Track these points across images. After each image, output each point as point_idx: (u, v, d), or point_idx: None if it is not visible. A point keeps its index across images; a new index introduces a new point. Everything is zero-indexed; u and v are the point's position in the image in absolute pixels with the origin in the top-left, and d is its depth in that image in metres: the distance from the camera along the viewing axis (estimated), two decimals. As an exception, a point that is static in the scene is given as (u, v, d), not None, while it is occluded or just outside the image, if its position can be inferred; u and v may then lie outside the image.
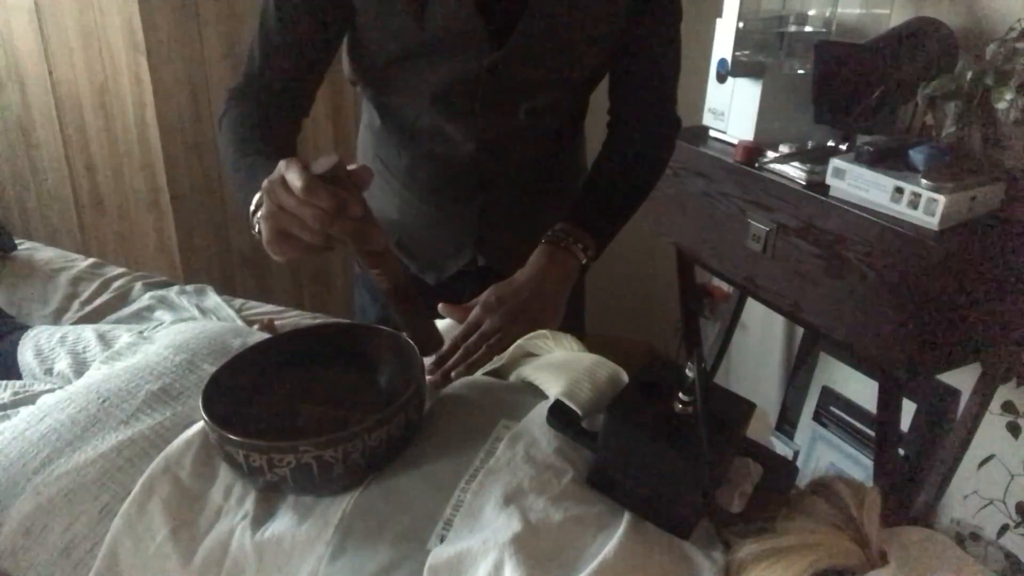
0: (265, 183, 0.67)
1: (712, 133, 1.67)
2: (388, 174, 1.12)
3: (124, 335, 1.00)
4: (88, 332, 1.05)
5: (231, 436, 0.66)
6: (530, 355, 0.90)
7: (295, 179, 0.64)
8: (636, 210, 1.07)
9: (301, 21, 0.90)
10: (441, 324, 0.99)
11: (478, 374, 0.88)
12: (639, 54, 0.99)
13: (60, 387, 0.88)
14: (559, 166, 1.15)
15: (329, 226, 0.64)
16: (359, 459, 0.67)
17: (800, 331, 2.01)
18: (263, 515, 0.69)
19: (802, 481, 0.68)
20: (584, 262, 0.99)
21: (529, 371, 0.83)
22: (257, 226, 0.73)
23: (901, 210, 1.24)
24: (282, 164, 0.66)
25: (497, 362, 0.89)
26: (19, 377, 1.04)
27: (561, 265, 0.97)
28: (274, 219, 0.66)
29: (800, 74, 1.53)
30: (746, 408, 0.67)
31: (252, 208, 0.76)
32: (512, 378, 0.86)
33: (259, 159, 0.84)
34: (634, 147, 1.04)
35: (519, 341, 0.90)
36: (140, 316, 1.24)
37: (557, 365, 0.81)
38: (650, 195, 1.09)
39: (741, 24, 1.52)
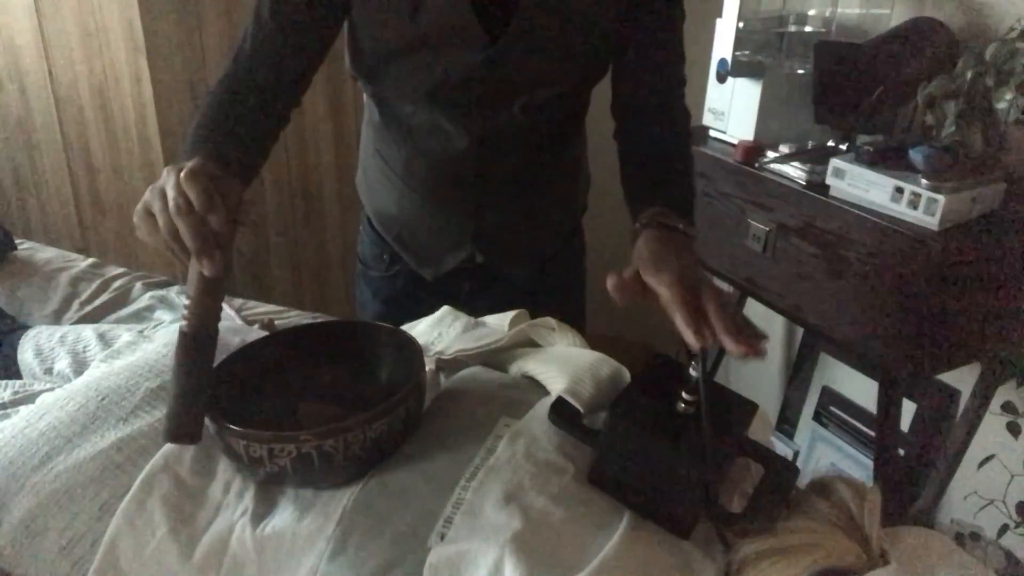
0: (169, 165, 0.67)
1: (712, 133, 1.67)
2: (387, 168, 1.12)
3: (124, 335, 1.00)
4: (88, 332, 1.05)
5: (232, 426, 0.66)
6: (533, 343, 0.90)
7: (188, 166, 0.64)
8: (689, 176, 0.99)
9: (295, 17, 0.90)
10: (423, 325, 0.99)
11: (476, 369, 0.88)
12: (641, 53, 0.99)
13: (60, 386, 0.88)
14: (558, 164, 1.15)
15: (179, 216, 0.63)
16: (359, 451, 0.67)
17: (800, 331, 2.01)
18: (263, 511, 0.69)
19: (802, 481, 0.68)
20: (691, 231, 0.87)
21: (531, 365, 0.83)
22: None
23: (901, 210, 1.24)
24: (198, 159, 0.67)
25: (498, 342, 0.89)
26: (19, 377, 1.04)
27: (675, 241, 0.83)
28: (149, 194, 0.66)
29: (800, 74, 1.53)
30: (748, 408, 0.67)
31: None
32: (513, 370, 0.86)
33: (203, 146, 0.82)
34: (649, 141, 1.02)
35: (522, 326, 0.90)
36: (140, 316, 1.24)
37: (560, 361, 0.81)
38: None
39: (741, 24, 1.52)
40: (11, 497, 0.71)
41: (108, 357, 0.91)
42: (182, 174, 0.64)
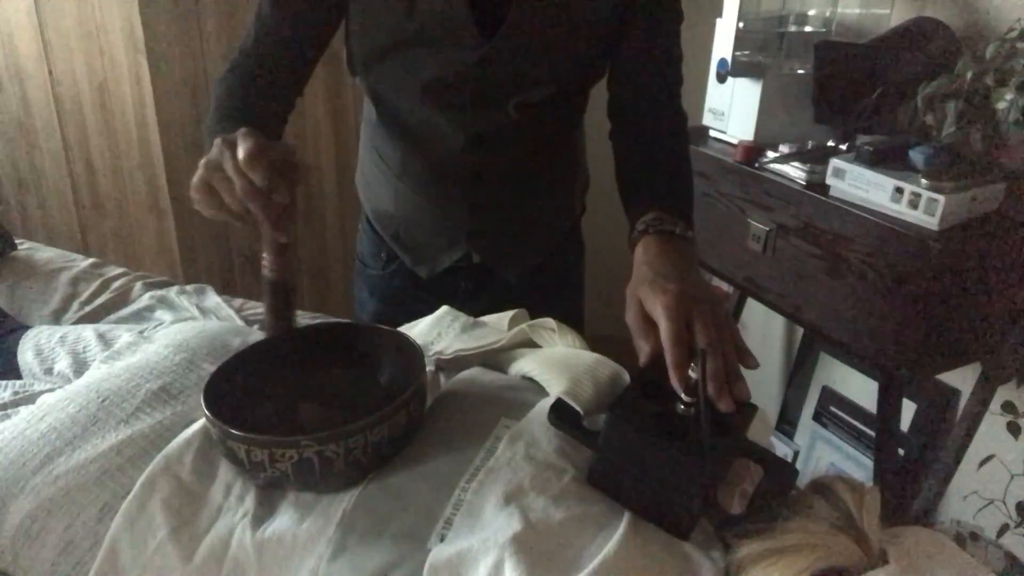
0: (220, 138, 0.70)
1: (712, 133, 1.67)
2: (384, 165, 1.13)
3: (124, 335, 1.00)
4: (88, 332, 1.05)
5: (233, 431, 0.66)
6: (532, 344, 0.90)
7: (242, 146, 0.68)
8: (687, 177, 1.00)
9: (296, 11, 0.93)
10: (422, 324, 1.00)
11: (476, 370, 0.88)
12: (637, 54, 0.99)
13: (60, 387, 0.88)
14: (554, 164, 1.15)
15: (250, 200, 0.68)
16: (360, 455, 0.67)
17: (800, 331, 2.01)
18: (263, 513, 0.69)
19: (802, 481, 0.68)
20: (688, 234, 0.86)
21: (531, 366, 0.83)
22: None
23: (901, 210, 1.24)
24: (243, 130, 0.70)
25: (498, 342, 0.89)
26: (19, 377, 1.04)
27: (673, 247, 0.83)
28: (207, 171, 0.70)
29: (800, 74, 1.53)
30: (747, 409, 0.67)
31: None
32: (512, 371, 0.86)
33: (232, 124, 0.84)
34: (645, 142, 1.02)
35: (522, 326, 0.90)
36: (140, 316, 1.24)
37: (559, 362, 0.81)
38: None
39: (741, 24, 1.52)
40: (11, 499, 0.71)
41: (108, 358, 0.91)
42: (242, 158, 0.67)
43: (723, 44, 1.55)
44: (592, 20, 0.94)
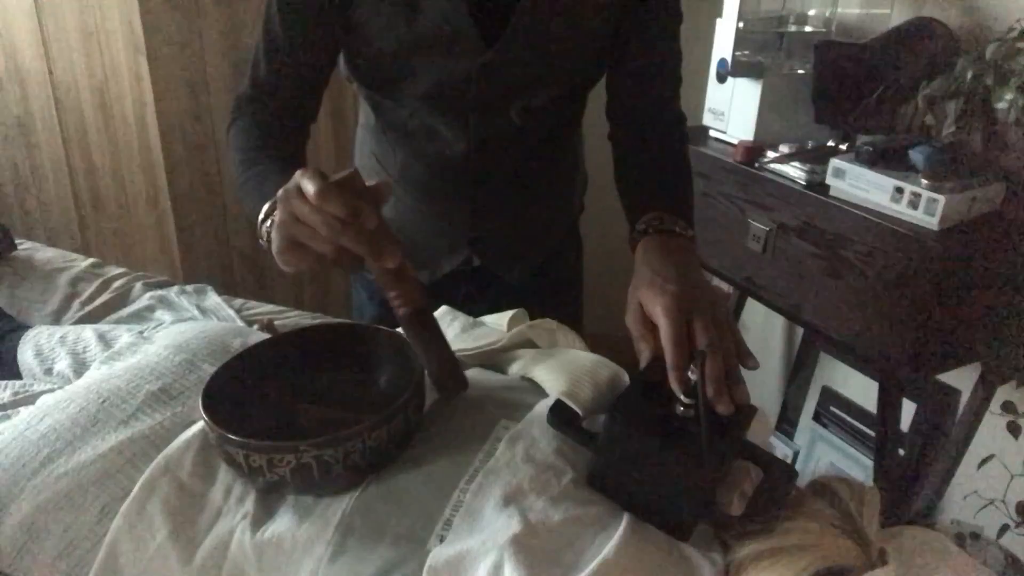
0: (280, 192, 0.65)
1: (712, 133, 1.67)
2: (383, 172, 1.12)
3: (124, 335, 1.00)
4: (88, 332, 1.05)
5: (231, 436, 0.66)
6: (532, 344, 0.90)
7: (309, 185, 0.62)
8: (687, 177, 0.99)
9: (306, 24, 0.90)
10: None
11: (475, 371, 0.88)
12: (637, 56, 0.99)
13: (60, 387, 0.88)
14: (555, 166, 1.15)
15: (341, 235, 0.62)
16: (359, 459, 0.67)
17: (800, 331, 2.01)
18: (263, 515, 0.69)
19: (802, 481, 0.68)
20: (689, 232, 0.87)
21: (530, 367, 0.83)
22: (267, 235, 0.72)
23: (901, 210, 1.24)
24: (299, 173, 0.64)
25: (497, 343, 0.89)
26: (19, 377, 1.04)
27: (674, 247, 0.83)
28: (286, 227, 0.65)
29: (800, 74, 1.53)
30: (747, 411, 0.67)
31: (261, 217, 0.76)
32: (512, 372, 0.86)
33: (268, 166, 0.84)
34: (645, 143, 1.02)
35: (521, 327, 0.90)
36: (140, 316, 1.23)
37: (559, 363, 0.81)
38: None
39: (741, 24, 1.52)
40: (11, 500, 0.71)
41: (108, 358, 0.91)
42: (314, 196, 0.62)
43: (723, 44, 1.55)
44: (593, 23, 0.94)
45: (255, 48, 0.93)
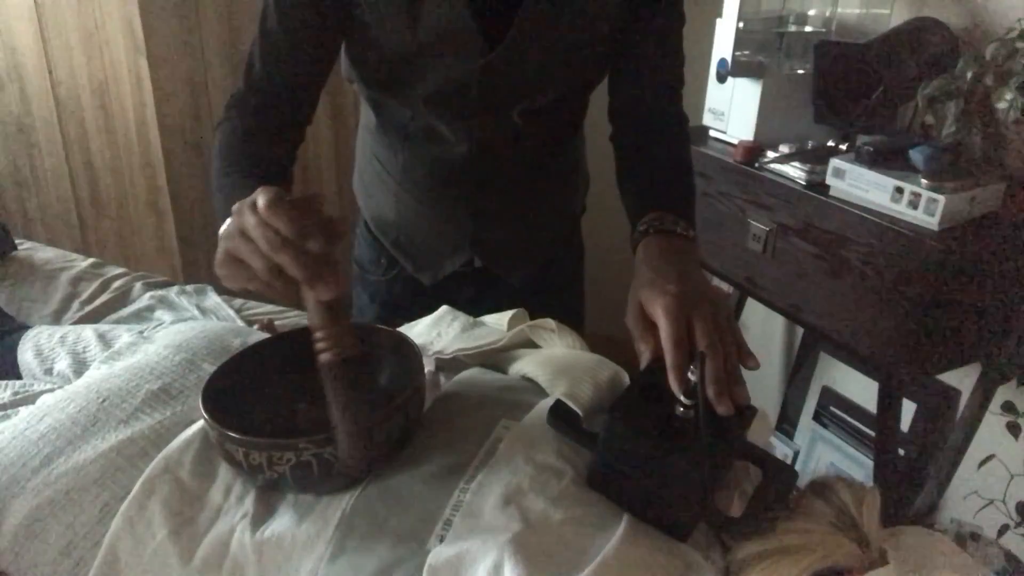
0: (236, 204, 0.62)
1: (712, 133, 1.67)
2: (385, 173, 1.12)
3: (124, 335, 1.00)
4: (88, 332, 1.05)
5: (231, 434, 0.66)
6: (532, 344, 0.90)
7: (261, 198, 0.60)
8: (689, 178, 0.98)
9: (304, 23, 0.89)
10: (422, 324, 0.98)
11: (476, 370, 0.88)
12: (639, 57, 0.99)
13: (60, 387, 0.88)
14: (556, 168, 1.15)
15: (278, 251, 0.58)
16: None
17: (800, 331, 2.01)
18: (263, 514, 0.69)
19: (802, 481, 0.68)
20: (690, 233, 0.86)
21: (531, 367, 0.83)
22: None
23: (901, 210, 1.24)
24: (260, 188, 0.62)
25: (498, 343, 0.89)
26: (19, 377, 1.04)
27: (674, 247, 0.82)
28: (230, 239, 0.61)
29: (800, 74, 1.53)
30: (747, 412, 0.67)
31: (221, 230, 0.71)
32: (513, 372, 0.86)
33: (239, 179, 0.81)
34: (647, 144, 1.02)
35: (521, 327, 0.90)
36: (140, 316, 1.24)
37: (559, 364, 0.81)
38: None
39: (741, 24, 1.52)
40: (11, 499, 0.71)
41: (108, 358, 0.91)
42: (261, 210, 0.59)
43: (723, 44, 1.55)
44: (595, 26, 0.94)
45: (250, 47, 0.92)
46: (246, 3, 1.94)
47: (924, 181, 1.21)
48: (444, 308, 1.01)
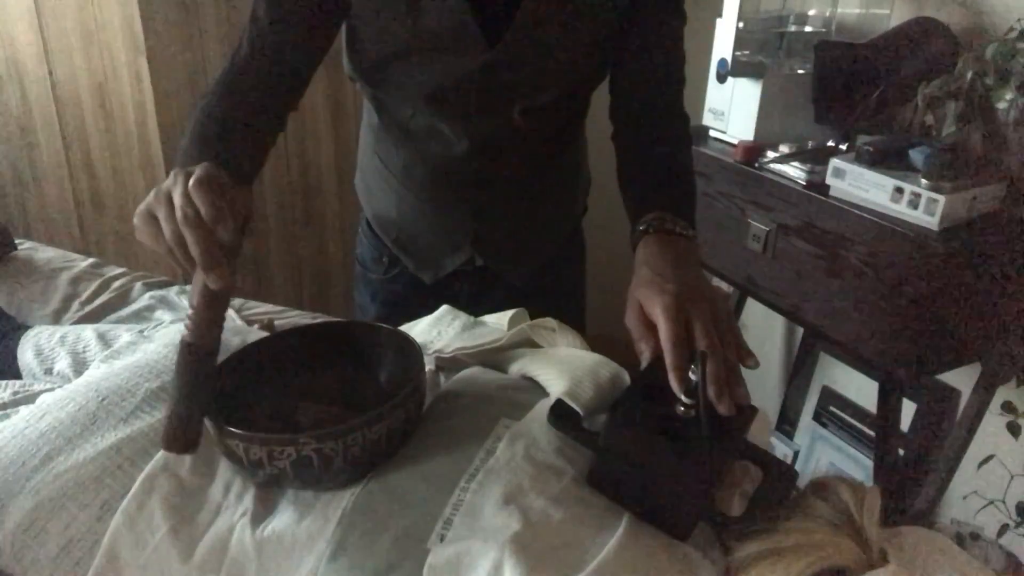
0: (175, 169, 0.66)
1: (712, 133, 1.67)
2: (386, 171, 1.12)
3: (124, 335, 1.00)
4: (88, 332, 1.05)
5: (231, 429, 0.66)
6: (532, 344, 0.90)
7: (196, 174, 0.63)
8: (689, 178, 0.98)
9: (292, 11, 0.88)
10: (422, 324, 0.99)
11: (476, 369, 0.88)
12: (640, 57, 0.99)
13: (60, 386, 0.88)
14: (557, 167, 1.15)
15: (187, 227, 0.61)
16: (359, 453, 0.67)
17: (800, 331, 2.01)
18: (263, 512, 0.69)
19: (802, 481, 0.68)
20: (690, 232, 0.86)
21: (531, 366, 0.83)
22: None
23: (901, 210, 1.24)
24: (203, 164, 0.65)
25: (498, 342, 0.89)
26: (19, 377, 1.04)
27: (674, 247, 0.82)
28: (154, 198, 0.64)
29: (800, 74, 1.53)
30: (748, 411, 0.67)
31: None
32: (513, 371, 0.86)
33: (204, 148, 0.81)
34: (648, 144, 1.02)
35: (522, 326, 0.90)
36: (140, 316, 1.24)
37: (560, 362, 0.81)
38: None
39: (741, 24, 1.52)
40: (11, 498, 0.71)
41: (108, 357, 0.91)
42: (191, 183, 0.62)
43: (723, 44, 1.55)
44: (596, 24, 0.94)
45: (241, 30, 0.91)
46: (246, 3, 1.93)
47: (924, 181, 1.21)
48: (445, 307, 1.01)
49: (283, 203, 2.19)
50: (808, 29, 1.63)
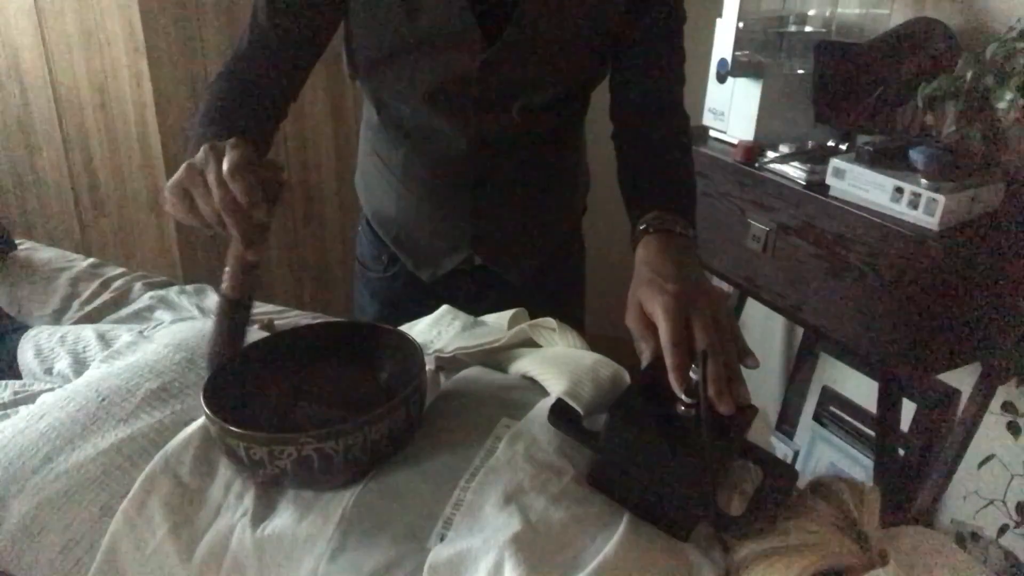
0: (209, 143, 0.68)
1: (712, 133, 1.67)
2: (385, 170, 1.12)
3: (124, 335, 1.00)
4: (88, 332, 1.05)
5: (232, 428, 0.66)
6: (532, 343, 0.90)
7: (229, 157, 0.65)
8: (689, 177, 0.98)
9: (291, 10, 0.90)
10: (422, 323, 0.99)
11: (476, 369, 0.88)
12: (640, 55, 0.99)
13: (60, 387, 0.88)
14: (557, 166, 1.15)
15: (229, 214, 0.66)
16: (359, 453, 0.67)
17: (800, 331, 2.01)
18: (263, 512, 0.69)
19: (802, 481, 0.68)
20: (690, 232, 0.86)
21: (531, 366, 0.83)
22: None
23: (901, 210, 1.24)
24: (232, 140, 0.67)
25: (498, 342, 0.89)
26: (19, 377, 1.04)
27: (674, 246, 0.82)
28: (187, 174, 0.67)
29: (800, 74, 1.53)
30: (748, 411, 0.67)
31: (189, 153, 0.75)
32: (513, 371, 0.86)
33: (219, 129, 0.83)
34: (648, 143, 1.02)
35: (522, 326, 0.90)
36: (140, 316, 1.24)
37: (560, 362, 0.81)
38: None
39: (741, 24, 1.52)
40: (11, 498, 0.71)
41: (108, 357, 0.91)
42: (226, 168, 0.65)
43: (723, 44, 1.55)
44: (596, 22, 0.94)
45: (242, 28, 0.93)
46: (246, 3, 1.94)
47: (924, 181, 1.21)
48: (444, 307, 1.01)
49: (283, 203, 2.19)
50: (808, 29, 1.63)
